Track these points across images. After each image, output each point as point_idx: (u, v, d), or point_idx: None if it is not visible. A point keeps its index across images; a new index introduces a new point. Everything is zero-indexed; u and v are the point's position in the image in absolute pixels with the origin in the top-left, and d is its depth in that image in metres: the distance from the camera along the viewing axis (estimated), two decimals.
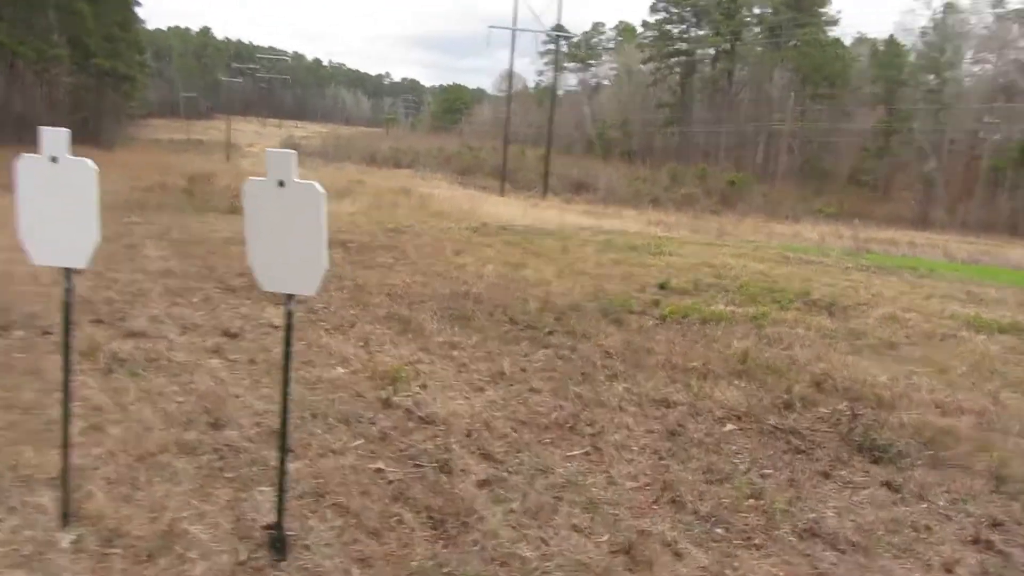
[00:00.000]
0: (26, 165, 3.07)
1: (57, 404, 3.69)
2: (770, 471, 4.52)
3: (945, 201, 65.05)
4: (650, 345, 7.42)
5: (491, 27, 77.20)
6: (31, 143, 3.07)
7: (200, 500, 3.66)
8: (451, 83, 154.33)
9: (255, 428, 4.55)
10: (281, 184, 2.93)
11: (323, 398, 5.17)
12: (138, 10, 63.73)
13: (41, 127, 3.03)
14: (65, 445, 3.37)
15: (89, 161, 3.03)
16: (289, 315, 3.13)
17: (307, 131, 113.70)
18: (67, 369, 3.27)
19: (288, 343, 3.16)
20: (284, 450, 3.30)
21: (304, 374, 5.68)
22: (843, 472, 4.57)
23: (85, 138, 45.31)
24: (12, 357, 5.61)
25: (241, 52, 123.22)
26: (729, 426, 5.28)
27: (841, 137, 75.77)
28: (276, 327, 6.97)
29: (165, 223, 14.70)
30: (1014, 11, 65.83)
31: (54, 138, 3.02)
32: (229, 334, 6.64)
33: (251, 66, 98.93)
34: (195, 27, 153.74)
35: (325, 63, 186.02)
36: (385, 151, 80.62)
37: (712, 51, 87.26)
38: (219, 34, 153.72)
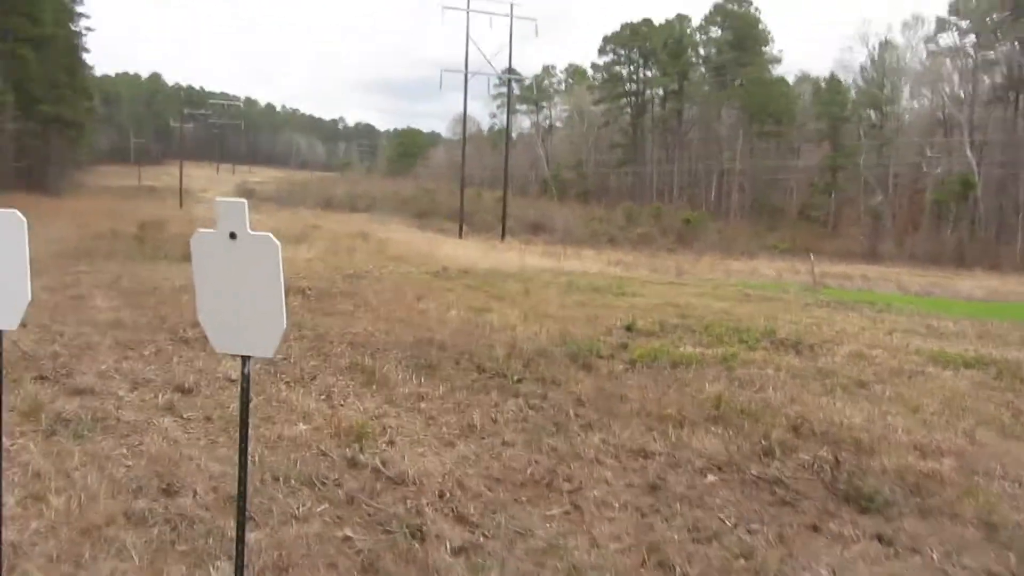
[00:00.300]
0: None
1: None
2: (757, 526, 4.32)
3: (893, 234, 66.49)
4: (622, 391, 7.23)
5: (443, 71, 77.87)
6: None
7: None
8: (405, 127, 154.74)
9: (211, 494, 4.24)
10: (233, 236, 2.69)
11: (284, 458, 4.87)
12: (86, 56, 63.14)
13: None
14: None
15: (16, 212, 2.77)
16: (245, 379, 2.87)
17: (261, 176, 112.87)
18: None
19: (245, 407, 2.90)
20: (242, 521, 3.02)
21: (264, 432, 5.38)
22: (832, 525, 4.39)
23: (31, 185, 44.36)
24: None
25: (192, 97, 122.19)
26: (711, 477, 5.08)
27: (790, 174, 77.43)
28: (233, 381, 6.65)
29: (115, 271, 14.27)
30: (946, 47, 68.16)
31: None
32: (183, 389, 6.30)
33: (203, 111, 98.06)
34: (145, 72, 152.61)
35: (278, 108, 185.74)
36: (340, 196, 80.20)
37: (661, 91, 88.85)
38: (169, 79, 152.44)
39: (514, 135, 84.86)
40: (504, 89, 58.80)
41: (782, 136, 78.16)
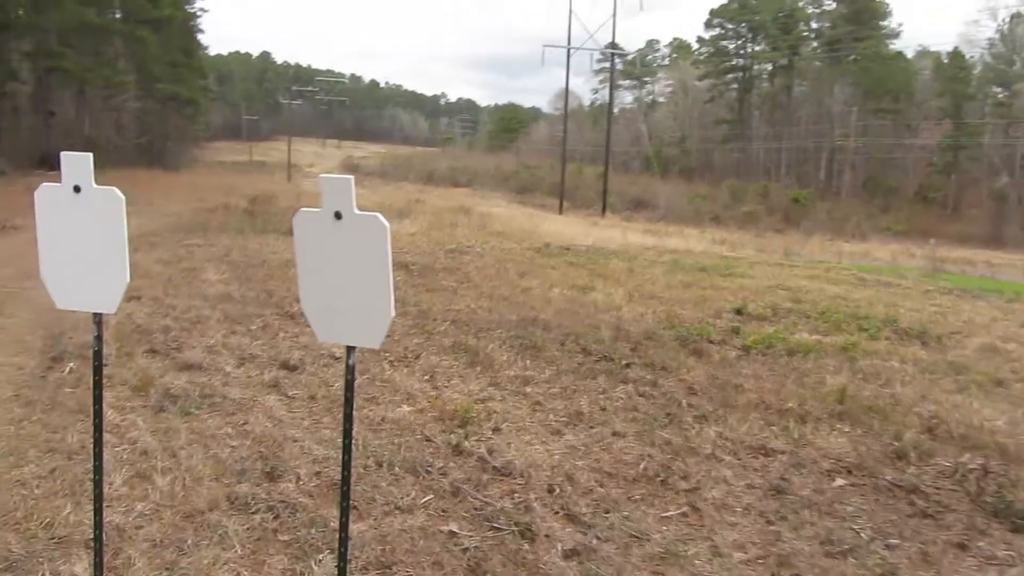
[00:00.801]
0: (45, 196, 2.67)
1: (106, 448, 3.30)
2: (897, 541, 3.91)
3: (1019, 218, 62.63)
4: (737, 381, 6.84)
5: (545, 46, 76.88)
6: (99, 166, 2.68)
7: (252, 570, 3.22)
8: (507, 102, 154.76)
9: (314, 480, 4.11)
10: (338, 216, 2.48)
11: (388, 442, 4.72)
12: (200, 37, 65.17)
13: (64, 152, 2.63)
14: (99, 505, 2.93)
15: (116, 190, 2.62)
16: (350, 371, 2.67)
17: (366, 151, 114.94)
18: (99, 428, 2.84)
19: (349, 400, 2.70)
20: (345, 522, 2.82)
21: (367, 412, 5.26)
22: (982, 544, 3.95)
23: (151, 161, 46.29)
24: (61, 393, 5.30)
25: (300, 75, 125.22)
26: (839, 481, 4.68)
27: (906, 153, 73.74)
28: (337, 359, 6.58)
29: (226, 245, 14.55)
30: None
31: (76, 164, 2.61)
32: (288, 366, 6.26)
33: (310, 88, 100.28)
34: (255, 52, 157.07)
35: (382, 84, 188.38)
36: (443, 170, 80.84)
37: (770, 66, 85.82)
38: (279, 58, 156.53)
39: (616, 110, 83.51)
40: (606, 64, 57.88)
41: (899, 114, 74.40)
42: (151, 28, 45.42)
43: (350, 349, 2.66)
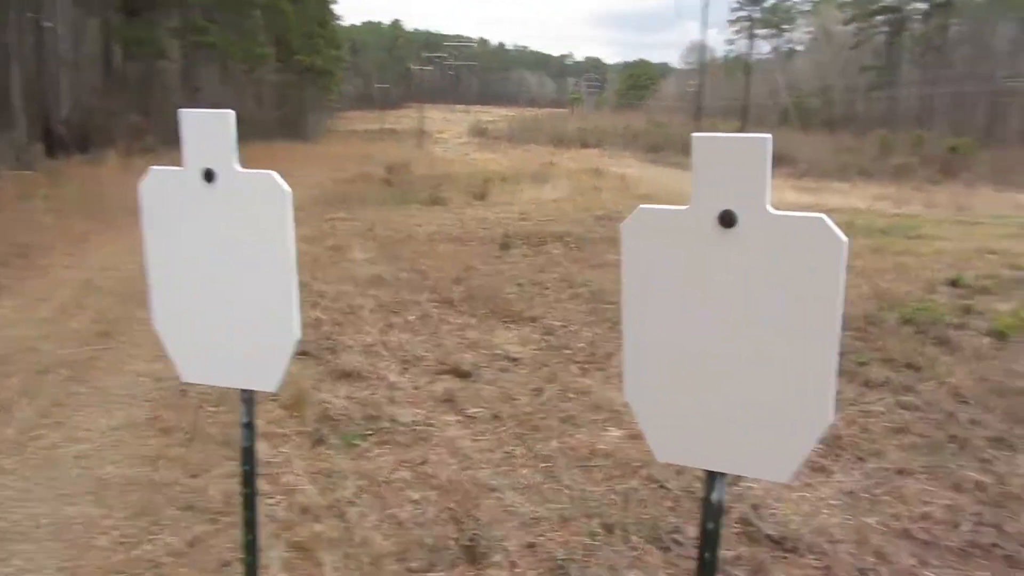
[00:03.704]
0: (156, 189, 1.61)
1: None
2: None
3: None
4: (1015, 383, 5.36)
5: None
6: (243, 139, 1.60)
7: None
8: (635, 59, 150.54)
9: (527, 556, 3.03)
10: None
11: (607, 491, 3.59)
12: (334, 7, 65.64)
13: (183, 110, 1.57)
14: None
15: (277, 178, 1.53)
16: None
17: (493, 115, 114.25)
18: (251, 550, 1.81)
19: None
20: None
21: (568, 440, 4.16)
22: None
23: (289, 132, 46.93)
24: (202, 415, 4.43)
25: (430, 41, 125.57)
26: None
27: None
28: (515, 360, 5.53)
29: (368, 218, 13.82)
30: None
31: (207, 132, 1.54)
32: (460, 373, 5.23)
33: (439, 55, 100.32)
34: (386, 20, 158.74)
35: (509, 47, 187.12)
36: (571, 132, 79.12)
37: (925, 5, 79.27)
38: (408, 26, 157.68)
39: (752, 61, 79.30)
40: (743, 13, 54.62)
41: None
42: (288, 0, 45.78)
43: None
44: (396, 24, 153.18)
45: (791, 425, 1.30)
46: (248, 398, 1.73)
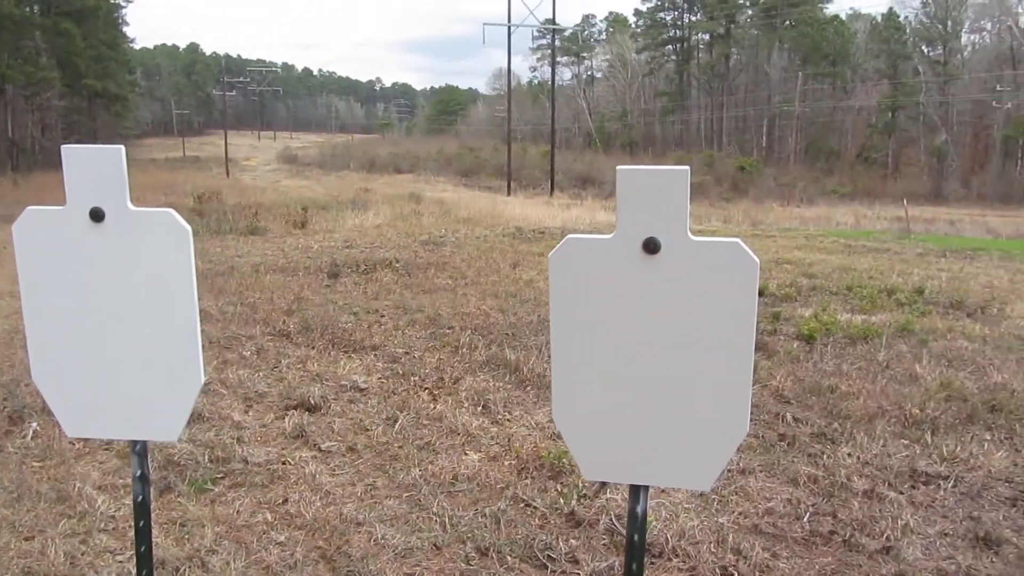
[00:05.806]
0: (31, 231, 1.47)
1: (97, 560, 2.13)
2: None
3: (958, 174, 63.46)
4: (828, 381, 5.86)
5: (486, 24, 75.11)
6: (26, 170, 1.47)
7: None
8: (443, 85, 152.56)
9: None
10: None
11: (476, 513, 3.61)
12: (126, 29, 62.20)
13: (66, 146, 1.45)
14: None
15: (174, 214, 1.46)
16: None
17: (302, 141, 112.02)
18: None
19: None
20: None
21: (429, 467, 4.13)
22: None
23: None
24: (27, 470, 4.06)
25: (230, 66, 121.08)
26: None
27: (846, 115, 74.36)
28: (363, 390, 5.44)
29: None
30: None
31: (92, 166, 1.42)
32: (308, 406, 5.08)
33: (242, 79, 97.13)
34: (182, 44, 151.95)
35: (315, 72, 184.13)
36: (384, 157, 78.94)
37: (707, 36, 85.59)
38: (207, 49, 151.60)
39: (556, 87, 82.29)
40: (544, 41, 56.74)
41: (837, 77, 74.88)
42: (73, 20, 42.87)
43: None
44: (194, 47, 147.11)
45: (712, 437, 1.39)
46: (141, 450, 1.60)
